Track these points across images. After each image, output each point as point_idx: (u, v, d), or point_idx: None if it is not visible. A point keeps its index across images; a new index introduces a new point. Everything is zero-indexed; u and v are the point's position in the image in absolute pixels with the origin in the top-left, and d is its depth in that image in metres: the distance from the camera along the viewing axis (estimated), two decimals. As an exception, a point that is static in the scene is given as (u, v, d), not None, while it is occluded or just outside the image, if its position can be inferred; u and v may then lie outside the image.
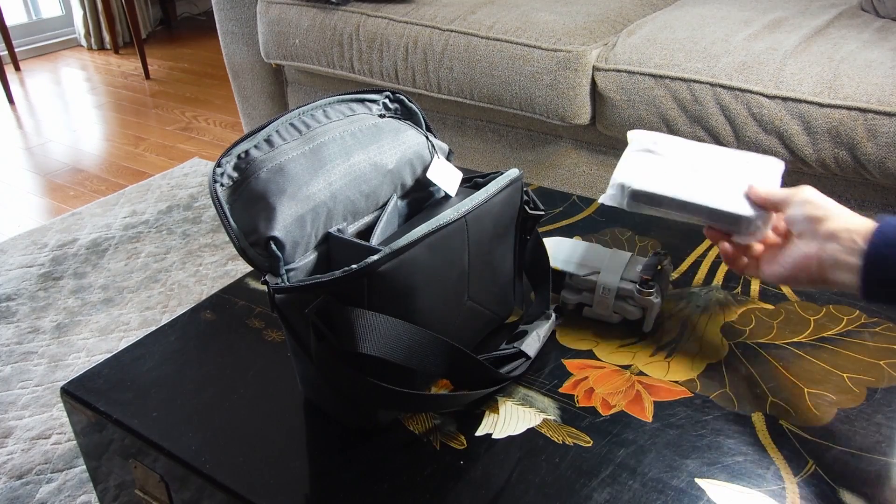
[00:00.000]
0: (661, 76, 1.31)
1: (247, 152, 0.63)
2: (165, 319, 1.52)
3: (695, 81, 1.28)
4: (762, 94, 1.22)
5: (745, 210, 0.68)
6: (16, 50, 3.20)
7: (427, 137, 0.74)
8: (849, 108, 1.15)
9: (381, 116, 0.73)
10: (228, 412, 0.69)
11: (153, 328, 0.99)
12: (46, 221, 1.96)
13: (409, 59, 1.58)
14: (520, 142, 1.60)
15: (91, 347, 1.45)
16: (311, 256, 0.65)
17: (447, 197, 0.76)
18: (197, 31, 3.81)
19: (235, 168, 0.63)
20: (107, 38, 3.47)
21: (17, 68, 3.19)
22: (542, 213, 0.76)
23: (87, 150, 2.43)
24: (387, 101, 0.75)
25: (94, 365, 0.77)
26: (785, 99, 1.20)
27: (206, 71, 3.16)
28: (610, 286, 0.78)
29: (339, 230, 0.66)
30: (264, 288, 0.88)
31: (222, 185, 0.62)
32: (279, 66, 1.93)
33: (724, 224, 0.69)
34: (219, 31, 1.96)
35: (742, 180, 0.70)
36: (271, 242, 0.61)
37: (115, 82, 3.06)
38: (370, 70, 1.66)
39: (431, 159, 0.74)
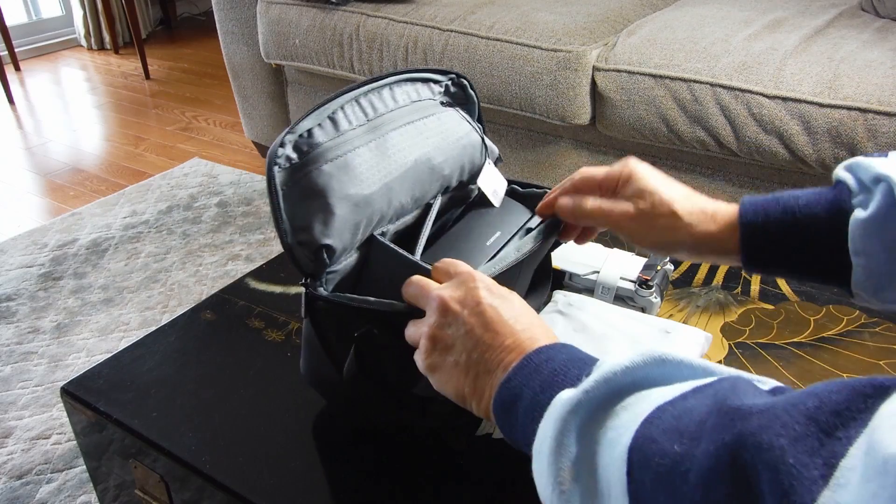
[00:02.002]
0: (661, 76, 1.31)
1: (310, 131, 0.58)
2: (165, 319, 1.52)
3: (695, 81, 1.28)
4: (762, 94, 1.22)
5: None
6: (16, 50, 3.19)
7: (482, 139, 0.72)
8: (849, 108, 1.15)
9: (443, 104, 0.71)
10: (228, 412, 0.69)
11: (153, 328, 0.99)
12: (46, 221, 1.96)
13: (409, 59, 1.58)
14: (520, 142, 1.60)
15: (91, 347, 1.45)
16: (353, 257, 0.62)
17: (489, 204, 0.71)
18: (197, 31, 3.81)
19: (296, 148, 0.57)
20: (107, 38, 3.47)
21: (17, 68, 3.19)
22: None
23: (87, 150, 2.43)
24: (449, 83, 0.72)
25: (94, 365, 0.77)
26: (785, 99, 1.20)
27: (206, 71, 3.16)
28: (610, 286, 0.78)
29: (382, 233, 0.63)
30: (265, 288, 0.88)
31: (280, 167, 0.56)
32: (279, 66, 1.93)
33: None
34: (219, 31, 1.96)
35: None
36: (323, 251, 0.56)
37: (115, 82, 3.06)
38: (370, 70, 1.66)
39: (483, 163, 0.71)
